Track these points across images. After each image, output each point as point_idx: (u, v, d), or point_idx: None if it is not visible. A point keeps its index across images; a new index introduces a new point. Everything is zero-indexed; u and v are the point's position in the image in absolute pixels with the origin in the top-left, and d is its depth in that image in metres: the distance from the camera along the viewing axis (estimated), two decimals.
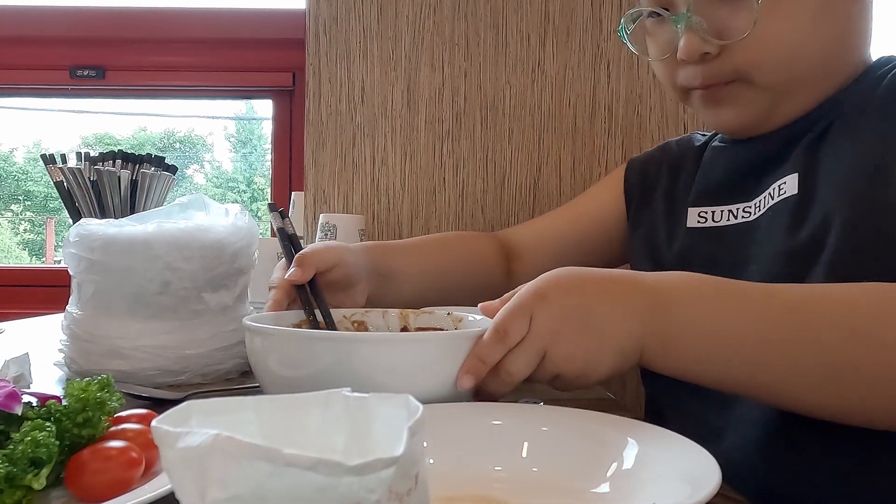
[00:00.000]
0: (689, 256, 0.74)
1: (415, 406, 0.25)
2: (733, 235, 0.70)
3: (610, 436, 0.47)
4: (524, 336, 0.51)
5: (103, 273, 0.75)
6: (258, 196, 4.08)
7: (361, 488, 0.21)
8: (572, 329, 0.52)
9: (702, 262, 0.71)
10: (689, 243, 0.75)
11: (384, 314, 0.70)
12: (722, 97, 0.66)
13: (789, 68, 0.63)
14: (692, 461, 0.40)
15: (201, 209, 0.85)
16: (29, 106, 2.38)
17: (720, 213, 0.73)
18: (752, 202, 0.69)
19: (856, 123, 0.63)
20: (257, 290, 1.05)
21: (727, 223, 0.71)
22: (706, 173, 0.77)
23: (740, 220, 0.70)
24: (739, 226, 0.70)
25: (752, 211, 0.69)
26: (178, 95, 2.07)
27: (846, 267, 0.56)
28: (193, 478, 0.21)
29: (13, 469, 0.39)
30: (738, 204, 0.71)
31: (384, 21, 1.25)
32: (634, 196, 0.87)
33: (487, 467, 0.47)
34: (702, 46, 0.63)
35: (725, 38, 0.63)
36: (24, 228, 3.89)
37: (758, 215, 0.68)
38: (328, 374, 0.51)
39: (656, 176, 0.86)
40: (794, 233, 0.62)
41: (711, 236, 0.72)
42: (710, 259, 0.71)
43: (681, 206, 0.78)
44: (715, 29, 0.63)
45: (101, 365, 0.74)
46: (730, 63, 0.64)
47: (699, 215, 0.75)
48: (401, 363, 0.51)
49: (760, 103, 0.66)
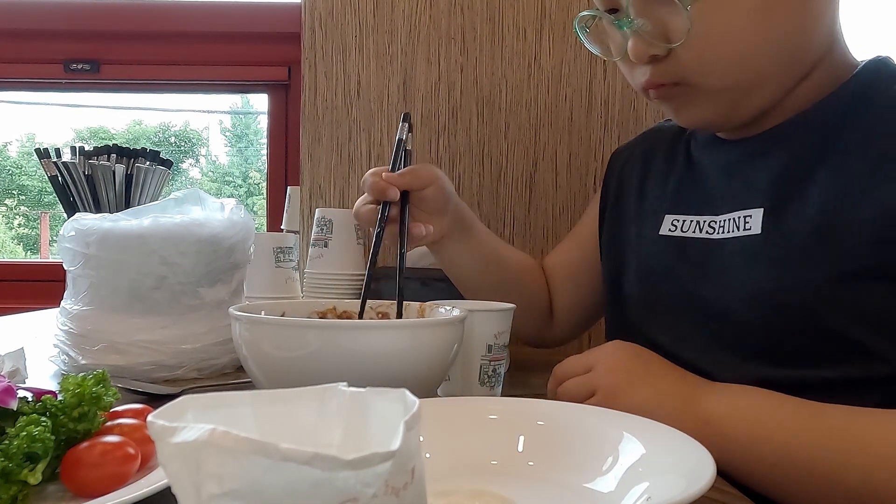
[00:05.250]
0: (651, 264, 0.74)
1: (411, 401, 0.25)
2: (694, 249, 0.69)
3: (605, 430, 0.47)
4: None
5: (98, 268, 0.75)
6: (254, 191, 4.07)
7: (358, 482, 0.21)
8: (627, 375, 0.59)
9: (663, 272, 0.72)
10: (655, 250, 0.74)
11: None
12: (673, 96, 0.65)
13: (736, 70, 0.62)
14: (687, 455, 0.41)
15: (197, 204, 0.84)
16: (23, 100, 2.37)
17: (689, 223, 0.72)
18: (718, 219, 0.68)
19: (836, 154, 0.61)
20: (253, 284, 1.05)
21: (692, 235, 0.71)
22: (685, 175, 0.76)
23: (704, 234, 0.69)
24: (702, 241, 0.69)
25: (715, 227, 0.68)
26: (173, 89, 2.06)
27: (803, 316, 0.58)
28: (190, 473, 0.21)
29: (9, 464, 0.39)
30: (706, 216, 0.70)
31: (380, 15, 1.24)
32: (610, 196, 0.87)
33: (483, 461, 0.47)
34: (648, 49, 0.62)
35: (668, 42, 0.61)
36: (18, 223, 3.87)
37: (721, 237, 0.67)
38: (313, 360, 0.53)
39: (630, 174, 0.85)
40: (755, 276, 0.62)
41: (676, 245, 0.72)
42: (672, 269, 0.71)
43: (656, 209, 0.77)
44: (659, 32, 0.62)
45: (96, 360, 0.74)
46: (675, 65, 0.62)
47: (672, 223, 0.74)
48: (371, 349, 0.54)
49: (717, 102, 0.64)
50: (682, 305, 0.69)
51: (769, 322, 0.60)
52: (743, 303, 0.62)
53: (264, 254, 1.07)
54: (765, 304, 0.60)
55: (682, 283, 0.69)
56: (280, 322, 0.57)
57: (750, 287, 0.62)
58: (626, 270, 0.78)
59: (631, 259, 0.78)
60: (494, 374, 0.68)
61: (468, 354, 0.67)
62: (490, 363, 0.68)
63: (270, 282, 1.09)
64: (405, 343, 0.55)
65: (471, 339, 0.66)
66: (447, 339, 0.58)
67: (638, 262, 0.77)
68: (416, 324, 0.59)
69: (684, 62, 0.62)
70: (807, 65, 0.64)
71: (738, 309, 0.62)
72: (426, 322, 0.61)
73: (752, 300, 0.61)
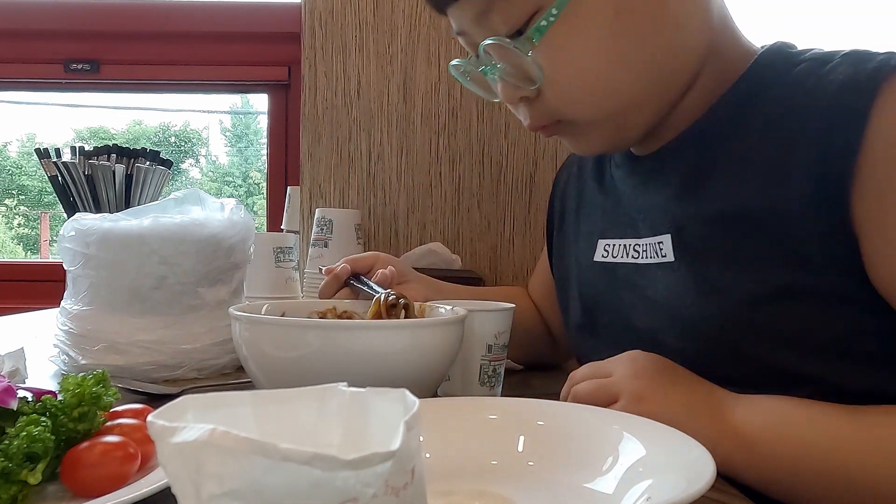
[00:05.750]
0: (590, 292, 0.73)
1: (411, 401, 0.25)
2: (624, 274, 0.68)
3: (605, 430, 0.47)
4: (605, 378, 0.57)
5: (98, 268, 0.75)
6: (254, 190, 4.07)
7: (358, 482, 0.21)
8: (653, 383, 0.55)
9: (600, 299, 0.70)
10: (592, 277, 0.73)
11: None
12: (561, 132, 0.64)
13: (604, 100, 0.59)
14: (687, 455, 0.41)
15: (197, 204, 0.84)
16: (23, 100, 2.37)
17: (618, 248, 0.69)
18: (641, 242, 0.66)
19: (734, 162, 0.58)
20: (253, 284, 1.05)
21: (622, 260, 0.68)
22: (610, 196, 0.74)
23: (631, 259, 0.67)
24: (631, 266, 0.67)
25: (640, 251, 0.66)
26: (173, 89, 2.07)
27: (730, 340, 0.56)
28: (189, 473, 0.21)
29: (9, 464, 0.39)
30: (631, 239, 0.68)
31: (380, 15, 1.25)
32: (555, 219, 0.86)
33: (483, 461, 0.47)
34: (515, 92, 0.61)
35: (530, 83, 0.59)
36: (18, 223, 3.87)
37: (645, 262, 0.65)
38: (313, 360, 0.53)
39: (569, 194, 0.83)
40: (676, 305, 0.60)
41: (609, 272, 0.70)
42: (607, 297, 0.70)
43: (591, 232, 0.75)
44: (520, 75, 0.60)
45: (96, 360, 0.74)
46: (547, 104, 0.61)
47: (604, 248, 0.71)
48: (371, 349, 0.54)
49: (601, 131, 0.62)
50: (620, 333, 0.67)
51: (699, 350, 0.58)
52: (672, 331, 0.60)
53: (264, 254, 1.08)
54: (691, 333, 0.58)
55: (618, 311, 0.68)
56: (280, 322, 0.57)
57: (675, 316, 0.60)
58: (571, 296, 0.77)
59: (574, 285, 0.76)
60: (494, 374, 0.68)
61: (468, 354, 0.67)
62: (490, 363, 0.68)
63: (270, 282, 1.09)
64: (405, 343, 0.55)
65: (471, 339, 0.66)
66: (447, 339, 0.58)
67: (579, 289, 0.75)
68: (416, 324, 0.59)
69: (552, 101, 0.60)
70: (687, 73, 0.61)
71: (667, 338, 0.61)
72: (426, 322, 0.61)
73: (679, 329, 0.60)
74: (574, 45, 0.57)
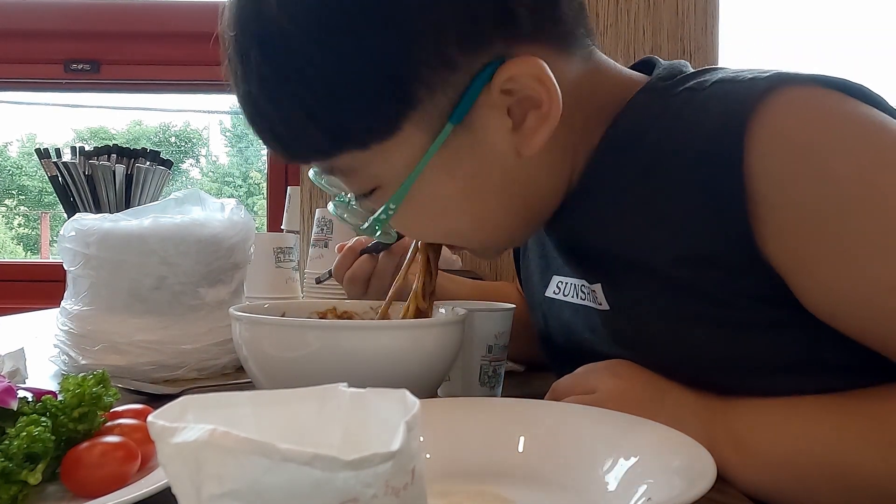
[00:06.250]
0: (547, 323, 0.71)
1: (412, 401, 0.25)
2: (571, 315, 0.66)
3: (606, 431, 0.47)
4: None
5: (99, 268, 0.75)
6: (254, 191, 4.07)
7: (358, 483, 0.21)
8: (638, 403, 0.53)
9: (553, 333, 0.69)
10: (546, 311, 0.71)
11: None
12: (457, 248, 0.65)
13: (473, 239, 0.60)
14: (687, 456, 0.41)
15: (197, 204, 0.85)
16: (23, 100, 2.37)
17: (569, 287, 0.67)
18: (589, 286, 0.62)
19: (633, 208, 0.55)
20: (253, 284, 1.05)
21: (570, 300, 0.66)
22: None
23: (579, 300, 0.64)
24: (579, 308, 0.64)
25: (587, 293, 0.63)
26: (173, 89, 2.07)
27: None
28: (190, 473, 0.21)
29: (9, 464, 0.39)
30: (580, 279, 0.64)
31: None
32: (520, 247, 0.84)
33: (484, 462, 0.47)
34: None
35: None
36: (18, 223, 3.88)
37: (592, 306, 0.61)
38: (313, 360, 0.53)
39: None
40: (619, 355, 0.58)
41: (559, 308, 0.68)
42: (559, 332, 0.68)
43: (548, 266, 0.72)
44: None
45: (96, 360, 0.74)
46: None
47: (557, 285, 0.69)
48: (371, 349, 0.54)
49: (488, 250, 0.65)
50: (579, 362, 0.64)
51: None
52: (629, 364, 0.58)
53: (264, 254, 1.08)
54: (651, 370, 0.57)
55: (569, 347, 0.66)
56: (280, 322, 0.57)
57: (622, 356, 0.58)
58: (536, 319, 0.75)
59: (537, 310, 0.74)
60: (495, 374, 0.68)
61: (468, 355, 0.67)
62: (490, 364, 0.68)
63: (270, 282, 1.09)
64: (405, 343, 0.55)
65: (471, 339, 0.66)
66: (447, 339, 0.58)
67: (536, 317, 0.74)
68: (416, 324, 0.59)
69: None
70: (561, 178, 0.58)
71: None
72: (426, 322, 0.61)
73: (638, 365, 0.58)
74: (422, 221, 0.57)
